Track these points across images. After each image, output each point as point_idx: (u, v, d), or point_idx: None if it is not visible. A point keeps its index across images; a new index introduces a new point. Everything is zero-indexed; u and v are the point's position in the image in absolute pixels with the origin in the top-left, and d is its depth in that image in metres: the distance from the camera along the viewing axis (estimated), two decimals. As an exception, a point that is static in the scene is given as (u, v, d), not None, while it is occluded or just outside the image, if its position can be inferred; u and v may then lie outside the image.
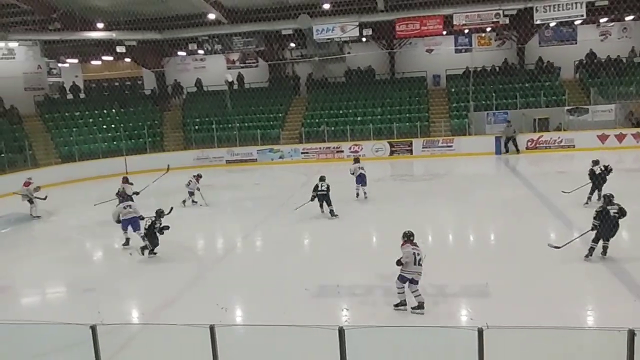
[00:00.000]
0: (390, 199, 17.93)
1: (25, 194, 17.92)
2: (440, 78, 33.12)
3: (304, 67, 34.44)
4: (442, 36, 31.40)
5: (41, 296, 11.36)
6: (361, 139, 27.41)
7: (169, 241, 14.32)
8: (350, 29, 26.88)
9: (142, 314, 9.33)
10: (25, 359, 7.00)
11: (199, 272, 11.69)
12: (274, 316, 8.51)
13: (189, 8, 26.81)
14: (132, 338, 8.03)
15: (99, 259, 14.21)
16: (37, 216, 17.98)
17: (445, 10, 26.41)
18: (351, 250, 12.31)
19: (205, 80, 34.30)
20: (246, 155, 27.78)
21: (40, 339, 7.09)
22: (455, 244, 13.16)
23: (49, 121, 28.65)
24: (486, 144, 25.62)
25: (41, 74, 31.60)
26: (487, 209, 15.47)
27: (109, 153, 27.26)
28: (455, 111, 28.69)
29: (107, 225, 16.67)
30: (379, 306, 9.12)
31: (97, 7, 26.41)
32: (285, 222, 15.69)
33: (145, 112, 31.17)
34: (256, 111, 30.79)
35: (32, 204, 17.97)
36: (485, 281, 9.56)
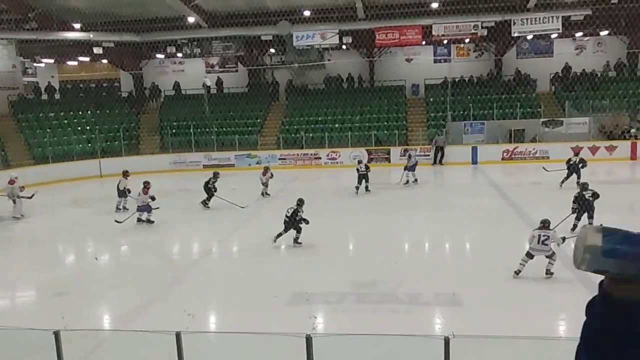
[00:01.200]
0: (367, 207, 17.96)
1: (10, 192, 17.56)
2: (419, 87, 33.39)
3: (283, 73, 34.44)
4: (421, 46, 31.72)
5: (8, 300, 11.09)
6: (339, 146, 27.45)
7: (140, 245, 14.18)
8: (330, 36, 26.99)
9: (112, 319, 9.16)
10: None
11: (172, 278, 11.54)
12: (244, 323, 8.42)
13: (168, 11, 26.66)
14: (99, 344, 7.87)
15: (71, 262, 13.95)
16: (17, 217, 17.60)
17: (425, 20, 26.72)
18: (325, 257, 12.30)
19: (184, 83, 34.06)
20: (224, 160, 27.59)
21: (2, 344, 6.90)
22: (430, 252, 13.22)
23: (22, 121, 28.15)
24: (463, 153, 25.85)
25: (16, 73, 31.04)
26: (462, 218, 15.57)
27: (84, 155, 26.85)
28: (432, 120, 28.92)
29: (81, 227, 16.48)
30: (351, 313, 9.09)
31: (75, 7, 26.09)
32: (260, 226, 15.62)
33: (121, 115, 30.81)
34: (235, 116, 30.64)
35: (15, 204, 17.60)
36: (454, 290, 9.58)
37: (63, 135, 27.66)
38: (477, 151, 26.10)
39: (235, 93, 33.78)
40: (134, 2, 25.59)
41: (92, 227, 16.56)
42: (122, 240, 15.21)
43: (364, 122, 29.25)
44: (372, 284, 10.29)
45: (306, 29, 27.04)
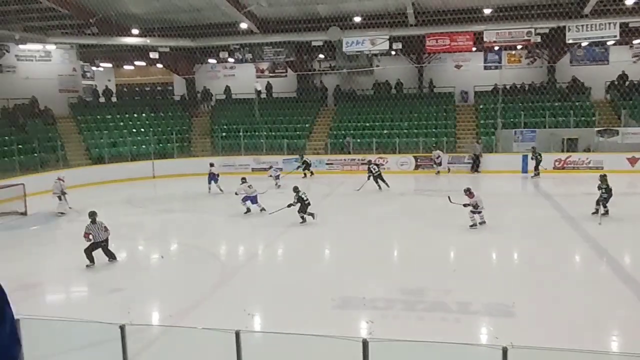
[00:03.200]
0: (415, 214, 17.91)
1: (60, 189, 18.41)
2: (469, 94, 33.02)
3: (332, 78, 34.68)
4: (471, 52, 31.36)
5: (68, 294, 11.62)
6: (386, 152, 27.41)
7: (191, 245, 14.57)
8: (380, 42, 27.01)
9: (167, 316, 9.48)
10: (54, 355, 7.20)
11: (222, 278, 11.83)
12: (294, 325, 8.58)
13: (222, 17, 27.29)
14: (156, 339, 8.18)
15: (125, 259, 14.44)
16: (62, 212, 18.38)
17: (476, 26, 26.43)
18: (372, 263, 12.34)
19: (235, 88, 34.72)
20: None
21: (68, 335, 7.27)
22: (479, 261, 13.07)
23: (81, 123, 29.30)
24: (513, 162, 25.39)
25: (76, 77, 32.38)
26: (513, 228, 15.35)
27: (138, 156, 27.74)
28: (482, 128, 28.54)
29: (134, 226, 17.07)
30: (400, 320, 9.13)
31: (133, 13, 27.03)
32: (306, 230, 15.80)
33: (174, 118, 31.68)
34: (283, 121, 31.05)
35: (61, 200, 18.41)
36: (512, 301, 9.46)
37: (119, 137, 28.65)
38: (527, 160, 25.60)
39: (285, 98, 34.20)
40: (190, 8, 26.32)
41: (144, 227, 17.14)
42: (171, 239, 15.69)
43: (412, 129, 29.12)
44: (420, 291, 10.30)
45: (356, 35, 27.17)
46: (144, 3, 25.97)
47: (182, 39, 29.22)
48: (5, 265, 13.02)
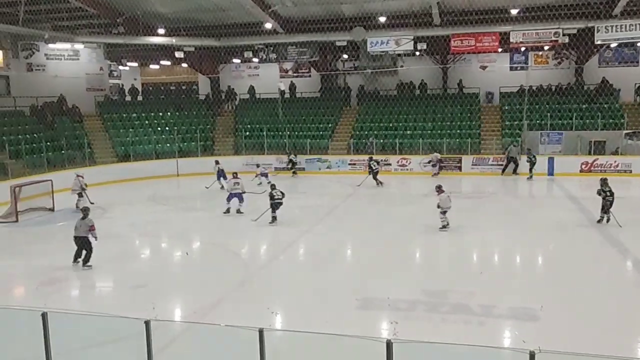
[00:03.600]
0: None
1: (81, 186, 18.71)
2: (494, 95, 32.68)
3: (355, 78, 34.62)
4: (497, 53, 31.04)
5: (93, 289, 11.78)
6: (410, 153, 27.25)
7: (214, 244, 14.67)
8: (404, 42, 26.86)
9: (189, 312, 9.55)
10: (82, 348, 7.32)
11: (245, 276, 11.88)
12: (317, 324, 8.58)
13: (246, 17, 27.42)
14: (180, 335, 8.25)
15: (149, 256, 14.63)
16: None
17: (503, 27, 26.12)
18: (394, 264, 12.29)
19: (258, 88, 34.87)
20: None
21: (94, 329, 7.38)
22: (503, 264, 12.93)
23: (107, 121, 29.71)
24: (539, 164, 25.03)
25: (103, 76, 32.88)
26: (538, 231, 15.11)
27: (162, 154, 28.03)
28: (508, 129, 28.21)
29: (158, 223, 17.26)
30: (422, 322, 9.07)
31: (160, 13, 27.32)
32: (329, 231, 15.80)
33: (198, 117, 31.94)
34: (307, 120, 31.08)
35: (80, 197, 18.70)
36: (539, 304, 9.32)
37: (144, 135, 28.97)
38: (553, 162, 25.22)
39: (308, 98, 34.23)
40: (215, 8, 26.51)
41: (168, 224, 17.30)
42: (196, 237, 15.82)
43: (436, 130, 28.91)
44: (443, 293, 10.23)
45: (381, 35, 27.06)
46: (171, 3, 26.22)
47: (207, 38, 29.45)
48: (33, 260, 13.30)
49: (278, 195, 16.56)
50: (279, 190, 16.68)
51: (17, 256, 13.67)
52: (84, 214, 12.67)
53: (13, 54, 28.44)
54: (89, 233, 12.41)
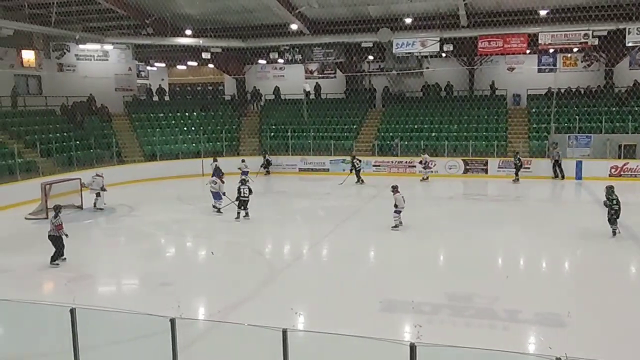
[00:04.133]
0: (462, 218, 17.62)
1: (99, 185, 19.02)
2: (521, 97, 32.27)
3: (380, 80, 34.51)
4: (524, 55, 30.64)
5: (119, 287, 11.98)
6: (435, 155, 27.06)
7: (239, 243, 14.78)
8: (430, 44, 26.71)
9: (214, 311, 9.64)
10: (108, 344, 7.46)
11: (269, 276, 11.95)
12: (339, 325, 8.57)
13: (273, 18, 27.59)
14: (204, 333, 8.34)
15: (174, 254, 14.80)
16: (102, 208, 18.97)
17: (531, 28, 25.81)
18: (418, 267, 12.24)
19: (284, 88, 35.01)
20: (319, 165, 28.07)
21: (120, 326, 7.49)
22: (529, 269, 12.76)
23: (135, 121, 30.16)
24: (566, 167, 24.65)
25: (131, 76, 33.39)
26: (564, 235, 14.88)
27: (188, 154, 28.35)
28: (535, 132, 27.83)
29: (183, 222, 17.46)
30: (446, 325, 9.01)
31: (187, 14, 27.65)
32: (354, 232, 15.79)
33: (224, 117, 32.21)
34: (331, 122, 31.11)
35: (98, 197, 19.01)
36: (562, 310, 9.20)
37: (170, 135, 29.34)
38: (581, 166, 24.79)
39: (333, 99, 34.27)
40: (242, 9, 26.73)
41: (193, 223, 17.48)
42: (220, 237, 15.96)
43: (462, 132, 28.66)
44: (468, 297, 10.14)
45: (407, 36, 26.94)
46: (198, 4, 26.52)
47: (233, 39, 29.70)
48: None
49: (245, 192, 16.89)
50: (247, 187, 17.00)
51: (46, 252, 13.92)
52: (56, 212, 12.80)
53: (45, 54, 29.09)
54: (58, 232, 12.53)
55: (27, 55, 27.72)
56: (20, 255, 13.37)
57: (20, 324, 7.79)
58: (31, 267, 12.55)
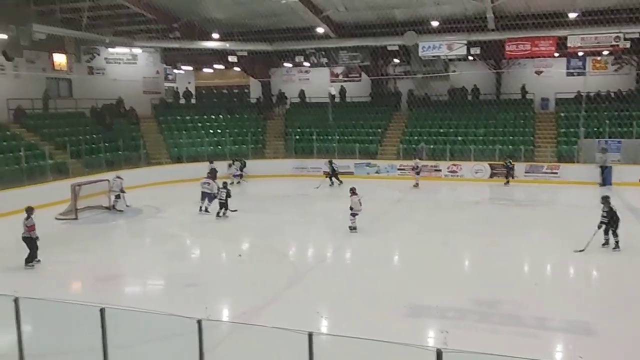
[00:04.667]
0: (488, 224, 17.43)
1: (119, 187, 19.32)
2: (549, 101, 31.80)
3: (406, 83, 34.35)
4: (553, 58, 30.19)
5: (146, 287, 12.14)
6: (461, 159, 26.84)
7: (263, 245, 14.86)
8: (457, 47, 26.49)
9: (243, 313, 9.69)
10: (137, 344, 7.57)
11: (293, 279, 11.98)
12: (364, 330, 8.56)
13: (299, 22, 27.70)
14: (229, 335, 8.39)
15: (199, 256, 14.95)
16: (122, 209, 19.26)
17: (560, 31, 25.40)
18: (445, 271, 12.14)
19: (309, 91, 35.11)
20: (343, 168, 27.97)
21: (148, 326, 7.59)
22: (556, 276, 12.57)
23: (162, 123, 30.56)
24: (596, 173, 24.20)
25: (159, 79, 33.85)
26: (592, 242, 14.57)
27: (214, 156, 28.54)
28: (563, 137, 27.40)
29: (209, 223, 17.62)
30: (472, 332, 8.92)
31: (215, 18, 27.92)
32: (377, 236, 15.74)
33: (250, 120, 32.43)
34: (356, 125, 31.07)
35: (118, 199, 19.31)
36: (591, 318, 9.04)
37: (197, 137, 29.65)
38: (611, 171, 24.31)
39: (358, 102, 34.23)
40: (269, 13, 26.88)
41: (218, 224, 17.63)
42: (245, 238, 16.08)
43: (488, 136, 28.36)
44: (494, 303, 10.03)
45: (433, 40, 26.77)
46: (226, 8, 26.77)
47: (260, 43, 29.90)
48: (90, 256, 13.82)
49: (222, 195, 17.55)
50: (224, 190, 17.72)
51: (75, 252, 14.22)
52: (28, 214, 12.89)
53: (76, 58, 29.67)
54: (30, 233, 12.66)
55: (58, 58, 28.32)
56: (50, 255, 13.63)
57: (51, 322, 7.96)
58: (61, 266, 12.80)
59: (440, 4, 25.02)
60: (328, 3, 25.73)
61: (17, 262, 12.69)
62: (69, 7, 24.43)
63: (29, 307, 7.28)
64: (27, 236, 12.73)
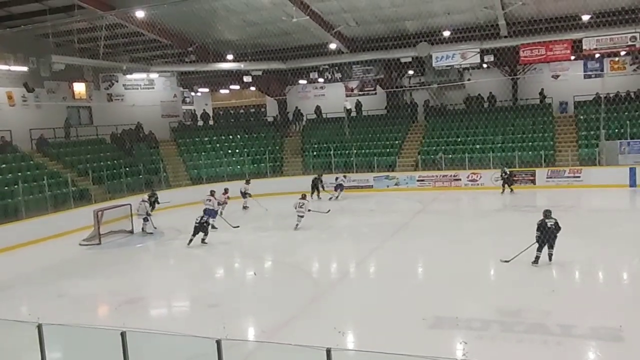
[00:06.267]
0: (511, 231, 17.17)
1: (145, 210, 19.52)
2: (568, 105, 31.46)
3: (421, 94, 34.31)
4: (569, 61, 29.90)
5: (168, 309, 12.22)
6: (480, 168, 26.62)
7: (285, 263, 14.85)
8: (471, 55, 26.40)
9: (261, 331, 9.70)
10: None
11: (314, 295, 11.95)
12: (387, 343, 8.49)
13: (311, 39, 27.92)
14: (249, 354, 8.39)
15: (222, 276, 15.01)
16: (150, 232, 19.42)
17: (574, 34, 25.16)
18: (468, 281, 11.98)
19: (325, 107, 35.26)
20: (362, 182, 28.00)
21: (169, 348, 7.62)
22: (584, 282, 12.32)
23: (181, 145, 30.93)
24: (619, 175, 23.79)
25: (176, 102, 34.37)
26: (621, 247, 14.29)
27: (233, 176, 28.78)
28: (584, 140, 27.02)
29: (230, 244, 17.69)
30: (497, 342, 8.78)
31: (228, 40, 28.30)
32: (400, 248, 15.64)
33: (267, 138, 32.65)
34: (373, 138, 31.07)
35: (146, 222, 19.49)
36: (619, 324, 8.84)
37: (216, 158, 29.93)
38: (635, 173, 23.88)
39: (374, 115, 34.24)
40: (281, 32, 27.18)
41: (239, 244, 17.69)
42: (267, 256, 16.10)
43: (507, 143, 28.12)
44: (518, 312, 9.87)
45: (446, 50, 26.73)
46: (239, 30, 27.13)
47: (273, 62, 30.15)
48: (114, 280, 13.96)
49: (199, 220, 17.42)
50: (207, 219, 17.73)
51: (99, 277, 14.38)
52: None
53: (95, 86, 30.32)
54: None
55: (78, 87, 28.95)
56: (75, 280, 13.82)
57: (74, 347, 8.03)
58: (85, 291, 12.94)
59: (451, 13, 25.01)
60: (339, 19, 25.90)
61: (42, 290, 12.87)
62: (86, 37, 24.97)
63: (53, 334, 7.37)
64: None
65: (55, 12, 23.11)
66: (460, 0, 24.01)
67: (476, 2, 24.00)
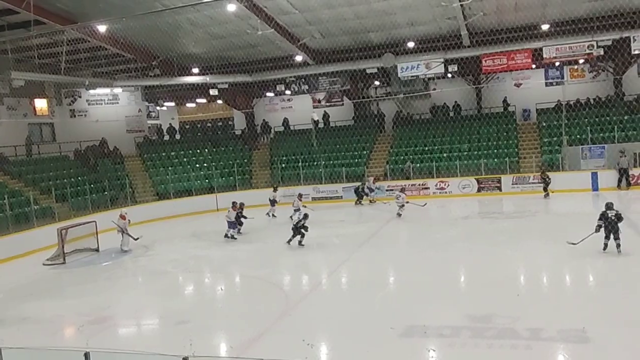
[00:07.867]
0: (480, 238, 17.39)
1: (122, 227, 19.09)
2: (530, 112, 32.18)
3: (388, 104, 34.67)
4: (531, 70, 30.63)
5: (137, 327, 11.92)
6: (447, 176, 26.95)
7: (254, 277, 14.70)
8: (435, 65, 26.84)
9: (231, 347, 9.54)
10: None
11: (285, 308, 11.82)
12: (358, 355, 8.45)
13: (277, 51, 28.01)
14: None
15: (191, 292, 14.75)
16: (125, 249, 19.00)
17: (534, 43, 25.82)
18: (436, 289, 12.04)
19: (292, 119, 35.32)
20: (331, 193, 28.03)
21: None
22: (551, 285, 12.51)
23: (147, 161, 30.49)
24: (582, 180, 24.37)
25: (141, 117, 33.94)
26: (585, 249, 14.56)
27: (202, 190, 28.48)
28: (547, 146, 27.63)
29: (199, 259, 17.45)
30: (468, 348, 8.81)
31: (193, 53, 28.16)
32: (371, 258, 15.64)
33: (235, 151, 32.47)
34: (341, 149, 31.18)
35: (122, 238, 19.07)
36: (583, 326, 8.98)
37: (183, 173, 29.60)
38: (597, 177, 24.49)
39: (342, 126, 34.43)
40: (246, 44, 27.16)
41: (209, 259, 17.46)
42: (236, 271, 15.90)
43: (473, 150, 28.55)
44: (487, 317, 9.93)
45: (411, 60, 27.11)
46: (204, 43, 27.01)
47: (240, 74, 30.12)
48: (80, 300, 13.58)
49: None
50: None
51: (64, 297, 13.99)
52: None
53: (57, 101, 29.75)
54: None
55: (39, 103, 28.36)
56: (38, 301, 13.40)
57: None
58: (49, 312, 12.55)
59: (414, 24, 25.41)
60: (304, 31, 26.04)
61: (4, 313, 12.44)
62: (46, 52, 24.51)
63: (13, 358, 7.10)
64: None
65: (13, 28, 22.66)
66: (423, 12, 24.40)
67: (438, 13, 24.42)
